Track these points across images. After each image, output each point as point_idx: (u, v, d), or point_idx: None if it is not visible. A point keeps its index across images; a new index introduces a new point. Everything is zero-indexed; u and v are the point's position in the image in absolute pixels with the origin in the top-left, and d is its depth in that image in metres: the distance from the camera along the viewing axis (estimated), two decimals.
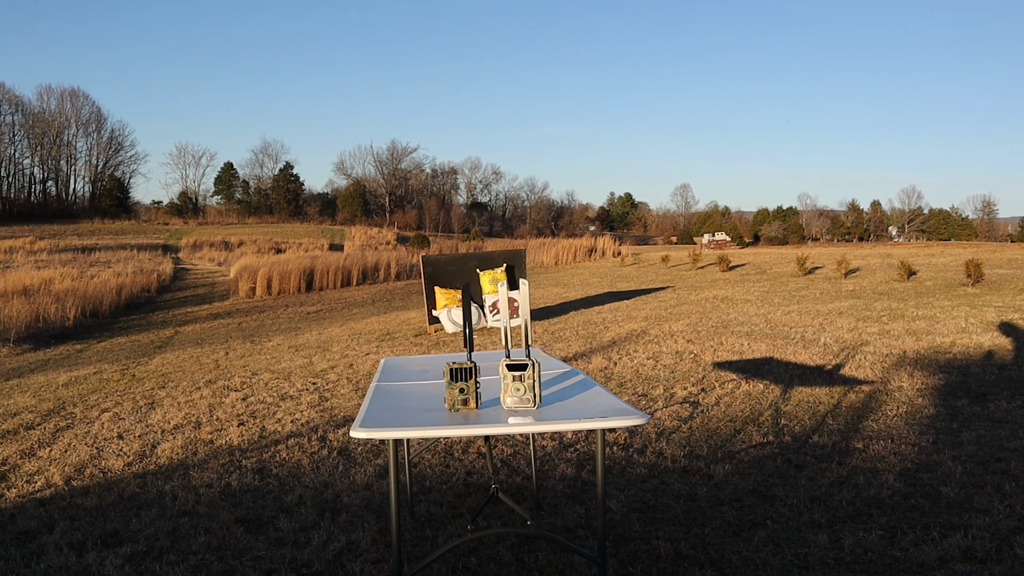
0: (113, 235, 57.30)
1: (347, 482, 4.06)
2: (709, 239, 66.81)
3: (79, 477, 4.42)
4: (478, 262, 11.29)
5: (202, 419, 5.76)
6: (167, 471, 4.45)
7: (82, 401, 6.92)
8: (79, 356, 11.98)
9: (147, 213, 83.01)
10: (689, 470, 4.03)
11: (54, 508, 3.87)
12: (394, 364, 3.54)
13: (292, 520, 3.52)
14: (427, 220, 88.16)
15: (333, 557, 3.10)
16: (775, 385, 5.86)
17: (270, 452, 4.74)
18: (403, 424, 2.32)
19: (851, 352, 7.12)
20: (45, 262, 33.21)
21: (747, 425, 4.85)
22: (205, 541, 3.32)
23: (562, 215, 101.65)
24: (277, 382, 7.24)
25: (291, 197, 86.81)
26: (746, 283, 17.77)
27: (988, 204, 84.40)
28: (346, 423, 5.37)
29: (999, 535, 2.99)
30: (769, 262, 25.15)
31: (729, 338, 8.39)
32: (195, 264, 40.02)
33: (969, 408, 4.94)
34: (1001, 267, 17.83)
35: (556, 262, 34.87)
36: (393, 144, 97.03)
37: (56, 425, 5.88)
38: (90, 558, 3.17)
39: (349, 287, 25.94)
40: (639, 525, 3.31)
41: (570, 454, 4.38)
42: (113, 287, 21.50)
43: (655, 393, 5.85)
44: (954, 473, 3.73)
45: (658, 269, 26.82)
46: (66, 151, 77.91)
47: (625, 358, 7.46)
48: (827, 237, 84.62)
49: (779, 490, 3.63)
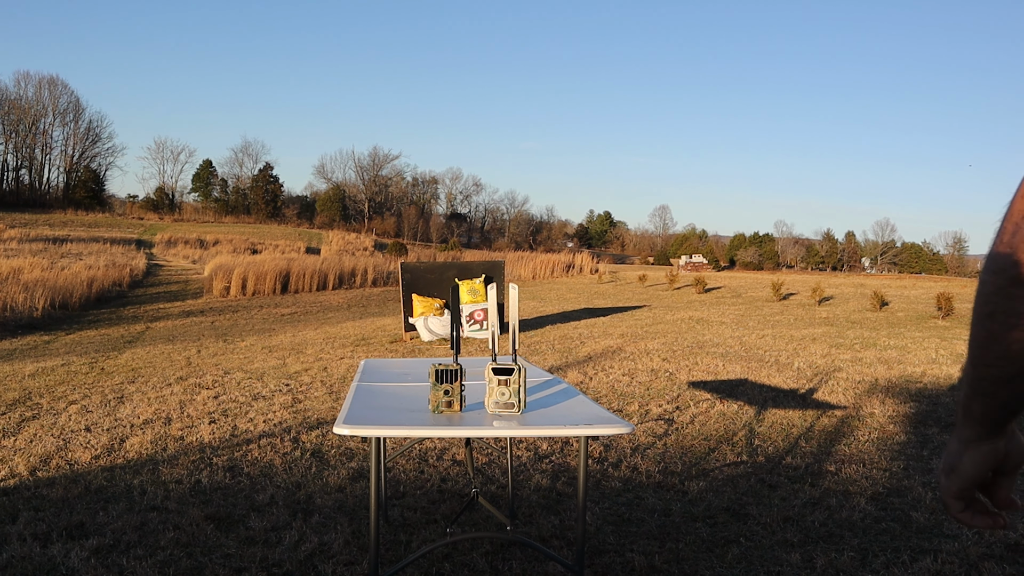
0: (86, 227, 56.53)
1: (320, 484, 4.02)
2: (686, 261, 67.38)
3: (44, 468, 4.33)
4: (457, 272, 11.28)
5: (172, 415, 5.68)
6: (136, 466, 4.37)
7: (49, 392, 6.79)
8: (47, 347, 11.76)
9: (122, 207, 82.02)
10: (664, 486, 4.04)
11: (18, 498, 3.78)
12: (374, 365, 3.52)
13: (263, 519, 3.47)
14: (406, 228, 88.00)
15: (305, 558, 3.06)
16: (749, 406, 5.91)
17: (242, 451, 4.68)
18: (386, 423, 2.30)
19: (824, 377, 7.20)
20: (15, 251, 32.67)
21: (721, 444, 4.87)
22: (174, 537, 3.26)
23: (541, 230, 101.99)
24: (250, 382, 7.16)
25: (269, 198, 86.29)
26: (722, 305, 17.91)
27: (959, 240, 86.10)
28: (319, 425, 5.32)
29: (968, 561, 3.03)
30: (744, 286, 25.38)
31: (704, 358, 8.44)
32: (169, 261, 39.58)
33: (939, 436, 5.00)
34: (971, 301, 18.13)
35: (534, 276, 34.92)
36: (375, 150, 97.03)
37: (21, 415, 5.76)
38: (55, 549, 3.10)
39: (325, 291, 25.76)
40: (613, 538, 3.31)
41: (545, 465, 4.37)
42: (84, 279, 21.16)
43: (630, 409, 5.87)
44: (924, 499, 3.77)
45: (635, 288, 26.96)
46: (41, 140, 76.93)
47: (601, 373, 7.47)
48: (801, 265, 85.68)
49: (752, 509, 3.65)
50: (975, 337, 0.95)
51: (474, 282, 10.96)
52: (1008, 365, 0.91)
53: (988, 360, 0.93)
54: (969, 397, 0.98)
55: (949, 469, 1.03)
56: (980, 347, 0.94)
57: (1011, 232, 0.86)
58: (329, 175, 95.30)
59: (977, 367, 0.95)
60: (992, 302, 0.90)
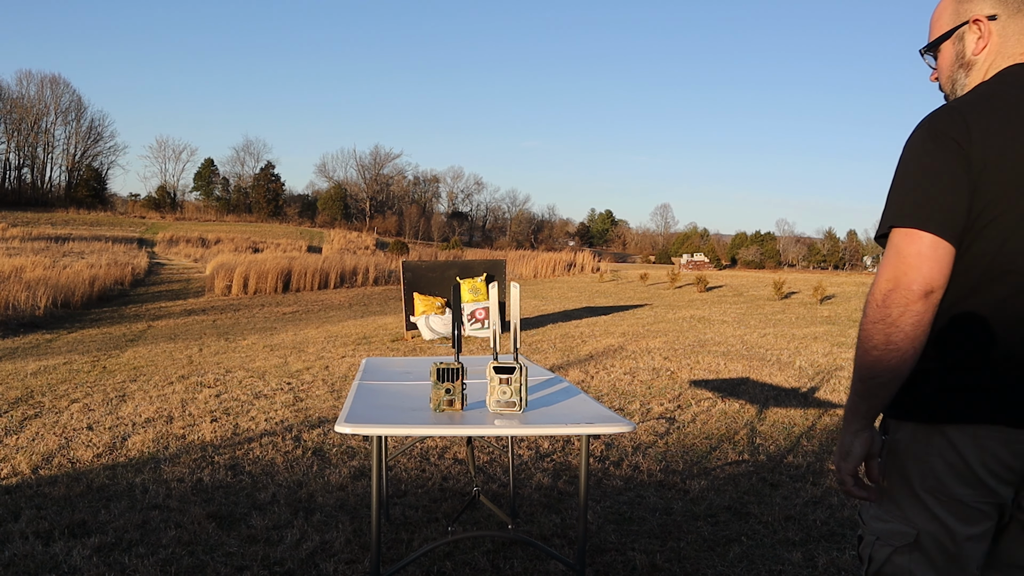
0: (88, 226, 56.58)
1: (321, 482, 4.02)
2: (687, 259, 67.33)
3: (47, 466, 4.33)
4: (458, 270, 11.27)
5: (174, 414, 5.69)
6: (137, 464, 4.38)
7: (51, 391, 6.80)
8: (49, 346, 11.77)
9: (124, 206, 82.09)
10: (665, 484, 4.04)
11: (20, 496, 3.79)
12: (376, 364, 3.52)
13: (265, 518, 3.47)
14: (407, 227, 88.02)
15: (306, 556, 3.06)
16: (751, 405, 5.90)
17: (243, 450, 4.68)
18: (388, 422, 2.30)
19: (826, 376, 7.19)
20: (17, 249, 32.68)
21: (723, 443, 4.87)
22: (176, 535, 3.26)
23: (542, 228, 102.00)
24: (251, 380, 7.17)
25: (271, 197, 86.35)
26: (723, 304, 17.91)
27: None
28: (321, 424, 5.32)
29: None
30: (746, 285, 25.37)
31: (706, 357, 8.44)
32: (171, 259, 39.61)
33: None
34: None
35: (535, 275, 34.92)
36: (376, 149, 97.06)
37: (24, 414, 5.77)
38: (57, 548, 3.11)
39: (326, 290, 25.77)
40: (615, 536, 3.31)
41: (547, 464, 4.37)
42: (86, 278, 21.17)
43: (632, 408, 5.87)
44: None
45: (636, 286, 26.96)
46: (43, 138, 76.97)
47: (602, 372, 7.47)
48: (803, 263, 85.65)
49: (754, 507, 3.65)
50: (864, 363, 1.43)
51: (475, 281, 10.96)
52: (887, 380, 1.41)
53: (876, 386, 1.43)
54: (857, 402, 1.46)
55: (845, 454, 1.48)
56: (868, 369, 1.42)
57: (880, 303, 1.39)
58: (330, 174, 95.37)
59: (865, 382, 1.44)
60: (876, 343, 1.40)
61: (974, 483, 1.43)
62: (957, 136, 1.37)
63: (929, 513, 1.47)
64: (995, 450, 1.40)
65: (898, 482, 1.51)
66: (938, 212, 1.37)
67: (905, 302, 1.36)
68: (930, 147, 1.39)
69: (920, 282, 1.36)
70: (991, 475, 1.42)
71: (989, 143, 1.37)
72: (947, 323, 1.43)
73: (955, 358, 1.43)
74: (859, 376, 1.45)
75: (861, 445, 1.47)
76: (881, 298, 1.39)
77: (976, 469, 1.42)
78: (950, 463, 1.43)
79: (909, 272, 1.36)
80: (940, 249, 1.37)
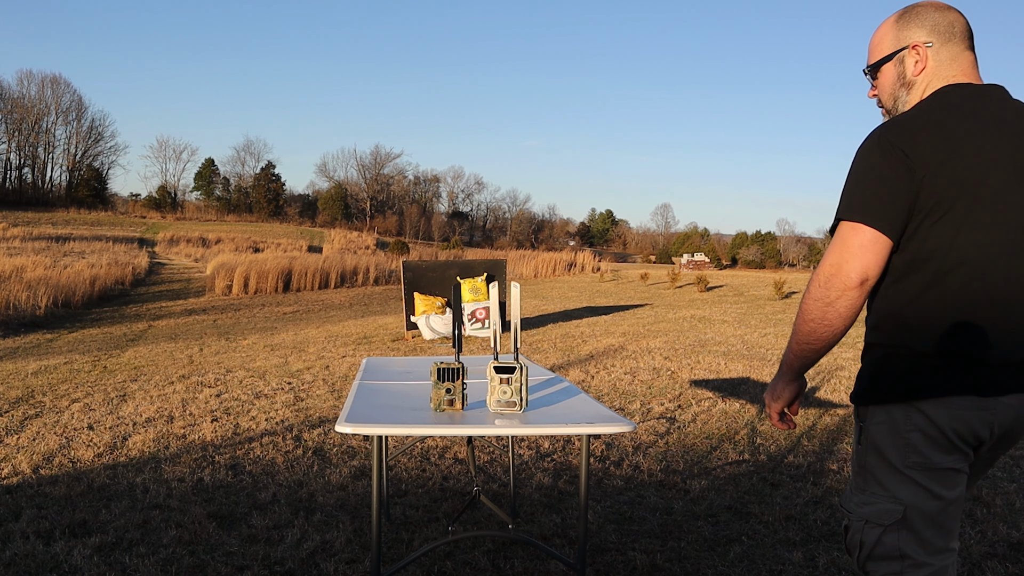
0: (89, 226, 56.58)
1: (322, 482, 4.02)
2: (688, 259, 67.29)
3: (47, 466, 4.34)
4: (459, 270, 11.27)
5: (175, 414, 5.69)
6: (138, 464, 4.38)
7: (52, 390, 6.80)
8: (49, 345, 11.78)
9: (124, 205, 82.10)
10: (665, 484, 4.04)
11: (21, 496, 3.79)
12: (376, 364, 3.52)
13: (265, 517, 3.48)
14: (407, 227, 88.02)
15: (307, 556, 3.06)
16: (751, 405, 5.90)
17: (244, 449, 4.68)
18: (388, 421, 2.30)
19: (826, 376, 7.19)
20: (17, 249, 32.69)
21: (723, 443, 4.87)
22: (176, 535, 3.27)
23: (543, 228, 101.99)
24: (252, 380, 7.17)
25: (271, 197, 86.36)
26: (723, 304, 17.91)
27: None
28: (321, 424, 5.32)
29: (971, 560, 3.03)
30: (746, 285, 25.37)
31: (706, 357, 8.44)
32: (171, 259, 39.62)
33: None
34: None
35: (535, 275, 34.92)
36: (377, 149, 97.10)
37: (24, 413, 5.77)
38: (57, 547, 3.11)
39: (327, 289, 25.77)
40: (615, 536, 3.31)
41: (547, 463, 4.37)
42: (87, 278, 21.18)
43: (632, 408, 5.87)
44: None
45: (637, 286, 26.96)
46: (44, 138, 77.01)
47: (603, 372, 7.47)
48: (804, 263, 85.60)
49: (755, 507, 3.65)
50: (802, 331, 1.70)
51: (476, 280, 10.96)
52: (819, 347, 1.71)
53: (810, 351, 1.72)
54: (792, 359, 1.77)
55: (777, 396, 1.83)
56: (804, 336, 1.70)
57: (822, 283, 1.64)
58: (331, 173, 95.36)
59: (800, 345, 1.72)
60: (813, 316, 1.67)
61: (950, 448, 1.63)
62: (904, 147, 1.59)
63: (915, 486, 1.64)
64: (966, 417, 1.60)
65: (881, 464, 1.68)
66: (880, 211, 1.59)
67: (843, 287, 1.61)
68: (879, 155, 1.61)
69: (858, 271, 1.60)
70: (962, 440, 1.62)
71: (933, 153, 1.58)
72: (915, 310, 1.63)
73: (925, 341, 1.62)
74: (796, 340, 1.72)
75: (791, 391, 1.82)
76: (824, 280, 1.63)
77: (951, 436, 1.61)
78: (929, 435, 1.62)
79: (851, 260, 1.60)
80: (879, 243, 1.60)
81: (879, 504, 1.68)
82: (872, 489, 1.69)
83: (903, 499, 1.65)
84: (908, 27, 1.76)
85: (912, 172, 1.58)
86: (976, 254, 1.59)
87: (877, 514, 1.68)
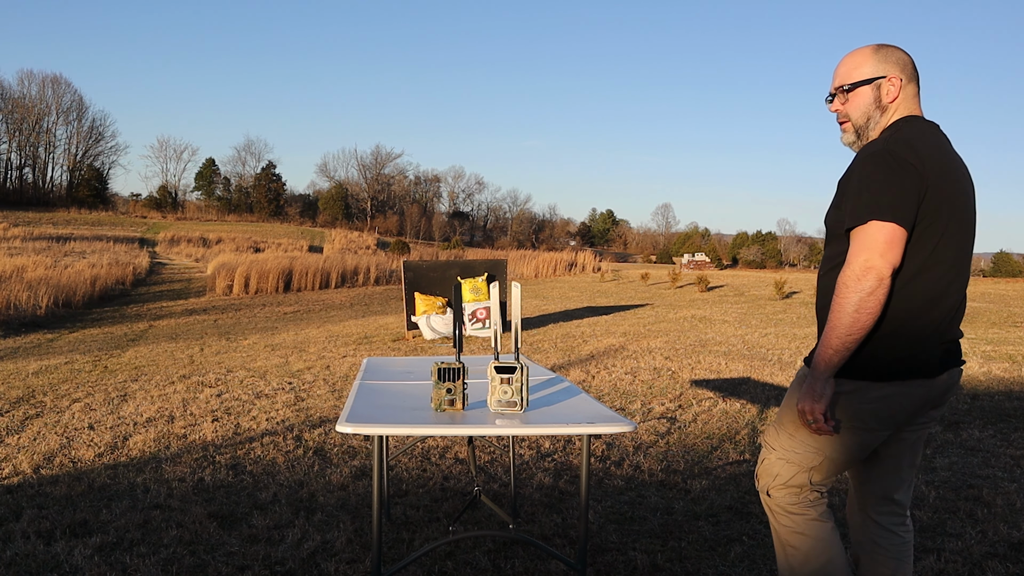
0: (89, 226, 56.58)
1: (322, 482, 4.02)
2: (688, 259, 67.26)
3: (48, 466, 4.34)
4: (459, 270, 11.27)
5: (175, 413, 5.69)
6: (139, 463, 4.38)
7: (52, 390, 6.81)
8: (50, 345, 11.78)
9: (125, 205, 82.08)
10: (666, 484, 4.04)
11: (22, 496, 3.79)
12: (377, 364, 3.52)
13: (266, 517, 3.48)
14: (408, 227, 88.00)
15: (307, 556, 3.06)
16: (752, 405, 5.90)
17: (244, 449, 4.68)
18: (389, 421, 2.30)
19: None
20: (18, 249, 32.72)
21: (724, 442, 4.87)
22: (177, 535, 3.27)
23: (543, 228, 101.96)
24: (252, 380, 7.17)
25: (272, 197, 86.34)
26: (724, 304, 17.90)
27: None
28: (322, 423, 5.32)
29: (971, 560, 3.03)
30: (747, 285, 25.37)
31: (707, 357, 8.44)
32: (172, 259, 39.63)
33: (942, 435, 5.00)
34: (974, 300, 18.12)
35: (536, 275, 34.93)
36: (377, 148, 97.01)
37: (25, 413, 5.77)
38: (58, 547, 3.11)
39: (328, 289, 25.78)
40: (616, 536, 3.31)
41: (547, 463, 4.37)
42: (87, 278, 21.19)
43: (633, 408, 5.87)
44: (928, 498, 3.77)
45: (637, 286, 26.96)
46: (45, 138, 76.99)
47: (603, 372, 7.47)
48: (804, 263, 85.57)
49: (755, 507, 3.64)
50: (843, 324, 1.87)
51: (477, 280, 10.96)
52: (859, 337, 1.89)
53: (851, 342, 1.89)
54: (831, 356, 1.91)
55: (819, 396, 1.94)
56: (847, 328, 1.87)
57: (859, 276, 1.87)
58: (332, 173, 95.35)
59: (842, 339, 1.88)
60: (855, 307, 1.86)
61: (889, 424, 2.01)
62: (914, 161, 1.88)
63: (841, 442, 2.02)
64: (914, 397, 1.98)
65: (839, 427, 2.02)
66: (902, 211, 1.86)
67: (879, 277, 1.85)
68: (895, 166, 1.88)
69: (891, 262, 1.86)
70: (900, 417, 2.00)
71: (933, 170, 1.90)
72: (895, 301, 1.92)
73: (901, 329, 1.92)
74: (837, 335, 1.89)
75: (831, 389, 1.95)
76: (860, 273, 1.86)
77: (896, 414, 1.99)
78: (876, 410, 1.98)
79: (886, 254, 1.86)
80: (903, 238, 1.87)
81: (806, 454, 2.07)
82: (803, 438, 2.06)
83: (826, 452, 2.04)
84: (887, 60, 2.06)
85: (922, 181, 1.87)
86: (945, 259, 1.94)
87: (801, 459, 2.08)
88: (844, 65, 2.10)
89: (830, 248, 2.09)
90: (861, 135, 2.10)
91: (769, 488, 2.14)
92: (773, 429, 2.16)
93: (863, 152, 1.97)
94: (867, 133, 2.09)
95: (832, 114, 2.17)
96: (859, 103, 2.08)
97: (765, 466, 2.15)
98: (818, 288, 2.13)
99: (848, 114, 2.10)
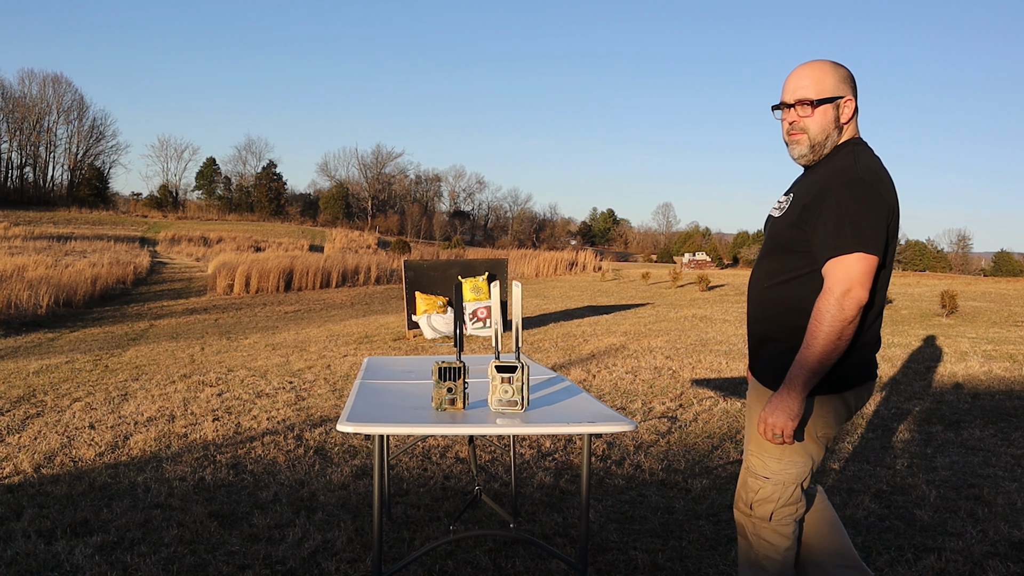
0: (90, 225, 56.59)
1: (323, 481, 4.02)
2: (689, 258, 67.20)
3: (49, 465, 4.34)
4: (460, 269, 11.27)
5: (176, 413, 5.69)
6: (139, 463, 4.38)
7: (53, 390, 6.81)
8: (51, 345, 11.79)
9: (126, 204, 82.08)
10: (667, 483, 4.04)
11: (22, 495, 3.79)
12: (378, 363, 3.52)
13: (267, 517, 3.48)
14: (409, 226, 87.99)
15: (308, 555, 3.06)
16: None
17: (245, 448, 4.68)
18: (390, 420, 2.30)
19: None
20: (19, 248, 32.71)
21: (724, 442, 4.87)
22: (178, 534, 3.27)
23: (544, 228, 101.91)
24: (253, 379, 7.17)
25: (273, 196, 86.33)
26: (725, 303, 17.90)
27: (963, 238, 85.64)
28: (323, 423, 5.32)
29: (972, 559, 3.02)
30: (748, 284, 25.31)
31: (707, 356, 8.43)
32: (173, 258, 39.63)
33: (943, 435, 4.99)
34: (975, 300, 18.12)
35: (537, 274, 34.93)
36: (378, 148, 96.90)
37: (26, 412, 5.77)
38: (59, 546, 3.11)
39: (328, 288, 25.78)
40: (617, 535, 3.31)
41: (548, 463, 4.37)
42: (88, 277, 21.19)
43: (633, 407, 5.87)
44: (928, 497, 3.77)
45: (638, 286, 26.96)
46: (46, 137, 77.00)
47: (604, 371, 7.47)
48: None
49: None
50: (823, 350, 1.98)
51: (477, 280, 10.96)
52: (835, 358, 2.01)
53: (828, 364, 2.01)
54: (809, 377, 2.01)
55: (794, 415, 2.04)
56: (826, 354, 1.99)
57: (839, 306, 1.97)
58: (332, 173, 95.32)
59: (821, 362, 1.99)
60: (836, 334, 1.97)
61: (848, 417, 2.21)
62: (884, 193, 2.03)
63: (818, 447, 2.18)
64: (864, 393, 2.20)
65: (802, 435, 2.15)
66: (881, 243, 2.00)
67: (856, 306, 1.97)
68: (873, 198, 2.00)
69: (867, 292, 1.99)
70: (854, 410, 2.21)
71: (893, 199, 2.06)
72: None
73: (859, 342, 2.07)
74: (817, 358, 1.99)
75: (803, 407, 2.05)
76: (840, 302, 1.97)
77: (852, 409, 2.19)
78: (839, 413, 2.16)
79: (866, 284, 1.98)
80: (875, 267, 2.00)
81: (798, 469, 2.16)
82: (790, 457, 2.15)
83: (814, 458, 2.18)
84: (845, 81, 2.12)
85: (890, 212, 2.03)
86: (887, 275, 2.08)
87: (798, 475, 2.17)
88: (806, 78, 2.11)
89: (778, 262, 2.17)
90: (816, 151, 2.14)
91: (773, 512, 2.18)
92: (756, 459, 2.20)
93: (836, 181, 2.03)
94: (822, 151, 2.13)
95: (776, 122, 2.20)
96: (821, 120, 2.11)
97: (762, 495, 2.18)
98: (759, 299, 2.24)
99: (806, 128, 2.12)
